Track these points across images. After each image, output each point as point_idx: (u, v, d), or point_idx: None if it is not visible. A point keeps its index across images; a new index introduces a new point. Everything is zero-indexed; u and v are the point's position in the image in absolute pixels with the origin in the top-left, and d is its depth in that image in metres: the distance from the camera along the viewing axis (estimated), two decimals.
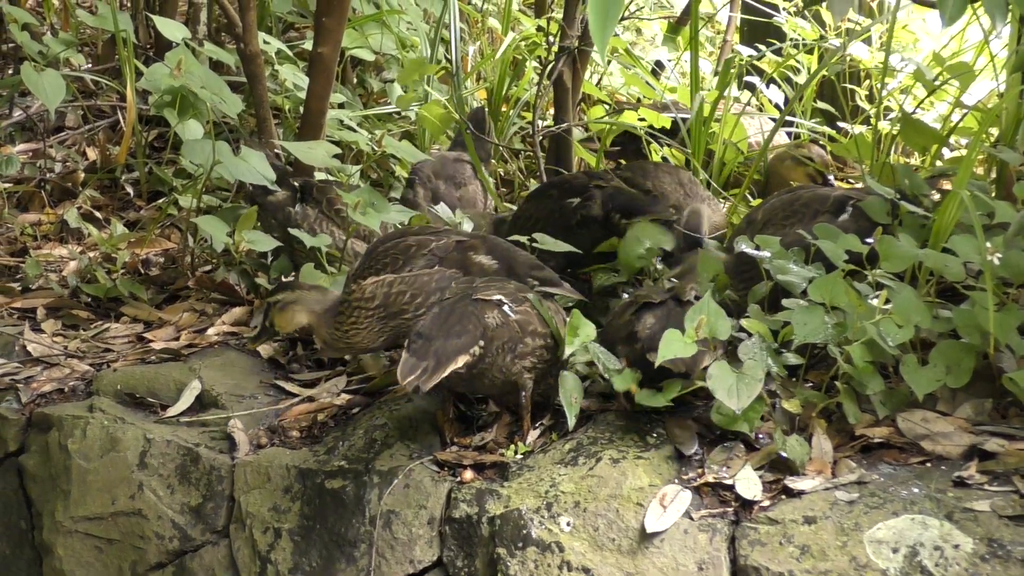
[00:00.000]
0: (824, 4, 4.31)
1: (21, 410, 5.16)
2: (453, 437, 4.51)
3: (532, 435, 4.45)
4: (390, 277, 4.75)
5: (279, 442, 4.74)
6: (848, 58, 7.27)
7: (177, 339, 5.60)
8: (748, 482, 3.99)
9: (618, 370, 4.32)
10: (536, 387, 4.48)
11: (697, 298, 4.49)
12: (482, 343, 4.28)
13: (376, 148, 6.50)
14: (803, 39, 7.84)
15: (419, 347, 4.19)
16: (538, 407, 4.58)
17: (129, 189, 7.34)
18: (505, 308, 4.40)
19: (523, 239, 5.04)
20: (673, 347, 4.15)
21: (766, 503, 3.94)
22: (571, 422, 4.33)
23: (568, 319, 4.41)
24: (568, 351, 4.33)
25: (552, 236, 5.13)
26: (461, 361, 4.21)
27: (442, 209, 5.45)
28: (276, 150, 6.36)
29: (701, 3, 8.54)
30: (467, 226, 5.33)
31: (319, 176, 6.39)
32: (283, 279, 5.71)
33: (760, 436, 4.20)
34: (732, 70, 6.99)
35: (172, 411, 5.04)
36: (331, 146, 6.07)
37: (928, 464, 4.02)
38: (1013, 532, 3.65)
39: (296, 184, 5.97)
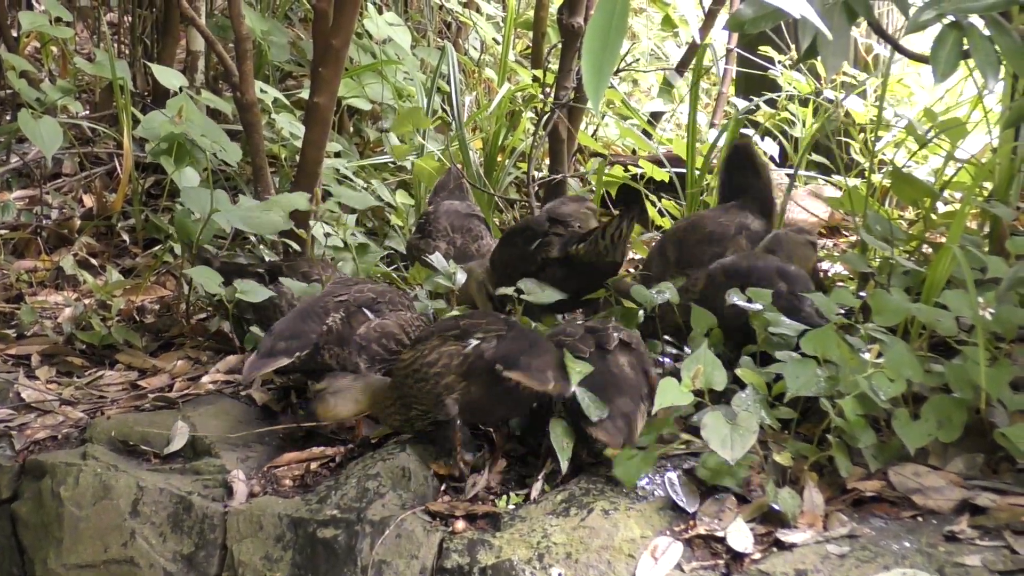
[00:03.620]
0: (819, 57, 4.33)
1: (14, 457, 5.15)
2: (464, 475, 4.54)
3: (535, 487, 4.46)
4: None
5: (271, 491, 4.74)
6: (843, 111, 7.32)
7: (171, 387, 5.61)
8: (739, 534, 3.99)
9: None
10: None
11: (623, 340, 4.66)
12: None
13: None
14: (798, 92, 7.88)
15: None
16: (536, 457, 4.61)
17: (125, 236, 7.36)
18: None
19: (510, 291, 5.10)
20: (669, 396, 4.17)
21: (757, 556, 3.93)
22: (563, 466, 4.35)
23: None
24: (572, 388, 4.39)
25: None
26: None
27: (436, 259, 5.46)
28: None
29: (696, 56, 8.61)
30: (461, 276, 5.35)
31: (315, 225, 6.41)
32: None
33: (752, 489, 4.21)
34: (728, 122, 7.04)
35: (166, 451, 5.04)
36: (298, 198, 6.05)
37: (919, 518, 4.02)
38: None
39: (261, 271, 5.94)
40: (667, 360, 5.16)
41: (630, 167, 7.11)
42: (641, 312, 5.06)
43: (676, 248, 5.47)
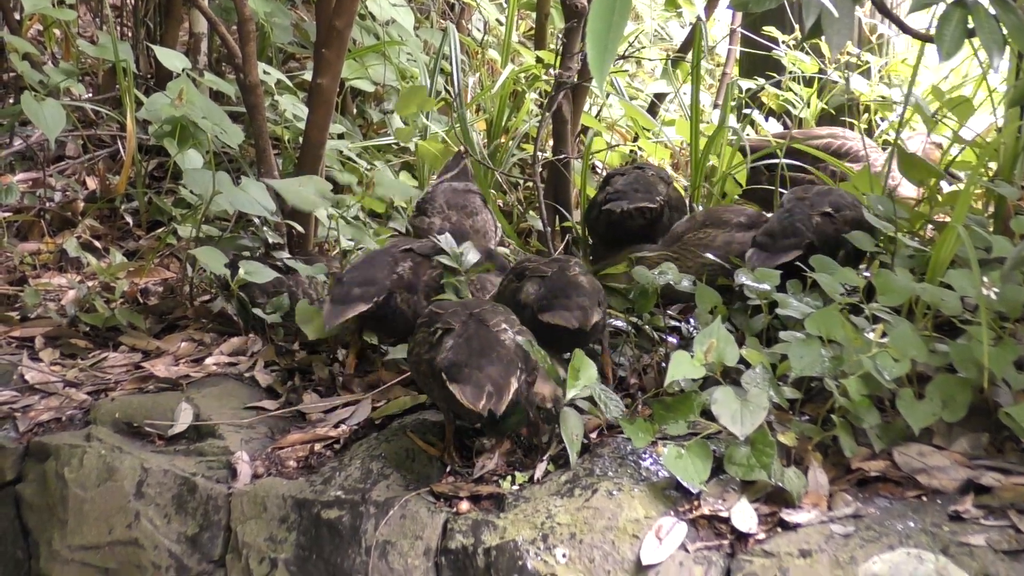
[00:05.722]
0: (822, 37, 4.32)
1: (18, 439, 5.15)
2: (456, 466, 4.51)
3: (540, 468, 4.45)
4: None
5: (276, 472, 4.74)
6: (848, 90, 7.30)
7: (175, 368, 5.60)
8: (744, 514, 3.98)
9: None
10: None
11: (579, 266, 4.85)
12: (521, 365, 4.33)
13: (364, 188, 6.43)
14: (802, 72, 7.87)
15: (467, 374, 4.19)
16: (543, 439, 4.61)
17: (128, 219, 7.36)
18: (509, 333, 4.42)
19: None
20: (682, 369, 4.18)
21: (761, 536, 3.93)
22: (573, 459, 4.33)
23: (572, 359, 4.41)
24: (570, 394, 4.29)
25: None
26: (514, 385, 4.22)
27: (445, 239, 5.45)
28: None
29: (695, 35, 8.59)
30: (471, 254, 5.33)
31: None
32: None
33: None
34: (731, 102, 7.02)
35: (171, 432, 5.04)
36: (323, 182, 6.05)
37: (924, 498, 4.01)
38: (1009, 567, 3.64)
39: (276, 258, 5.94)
40: (671, 338, 5.20)
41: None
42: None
43: (706, 212, 5.60)
